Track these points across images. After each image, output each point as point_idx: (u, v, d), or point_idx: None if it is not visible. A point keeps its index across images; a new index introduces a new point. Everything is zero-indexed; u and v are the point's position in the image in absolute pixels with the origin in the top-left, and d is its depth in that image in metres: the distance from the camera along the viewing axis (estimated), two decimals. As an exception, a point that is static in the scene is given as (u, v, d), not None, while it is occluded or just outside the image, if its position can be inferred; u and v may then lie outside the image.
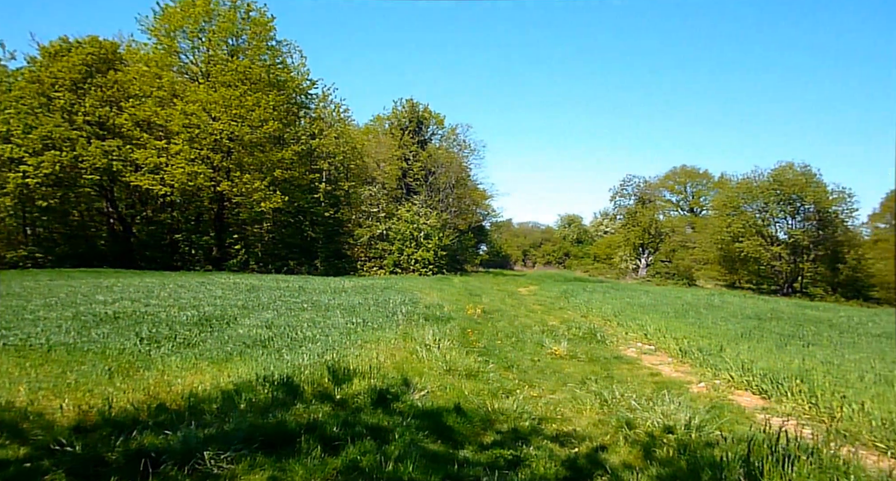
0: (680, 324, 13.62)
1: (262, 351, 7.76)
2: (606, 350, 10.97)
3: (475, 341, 10.31)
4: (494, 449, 4.81)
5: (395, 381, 6.44)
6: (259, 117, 30.72)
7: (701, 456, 4.65)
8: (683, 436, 5.40)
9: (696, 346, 10.74)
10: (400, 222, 37.86)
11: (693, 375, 9.13)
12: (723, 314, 16.83)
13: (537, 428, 5.62)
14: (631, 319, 14.65)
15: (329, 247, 37.60)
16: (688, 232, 58.49)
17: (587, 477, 4.45)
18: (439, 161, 41.72)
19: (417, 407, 5.66)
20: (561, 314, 17.03)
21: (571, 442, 5.30)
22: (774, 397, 7.60)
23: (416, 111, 43.02)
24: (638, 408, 6.35)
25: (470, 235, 47.49)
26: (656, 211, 56.34)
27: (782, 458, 4.03)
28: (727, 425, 5.96)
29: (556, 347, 10.14)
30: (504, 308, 17.30)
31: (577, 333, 12.45)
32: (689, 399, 7.17)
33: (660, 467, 4.60)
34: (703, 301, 22.46)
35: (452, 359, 7.87)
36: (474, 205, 50.33)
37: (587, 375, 8.30)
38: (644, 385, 7.97)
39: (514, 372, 8.20)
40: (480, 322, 13.18)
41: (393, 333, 9.73)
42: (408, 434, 4.78)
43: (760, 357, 9.42)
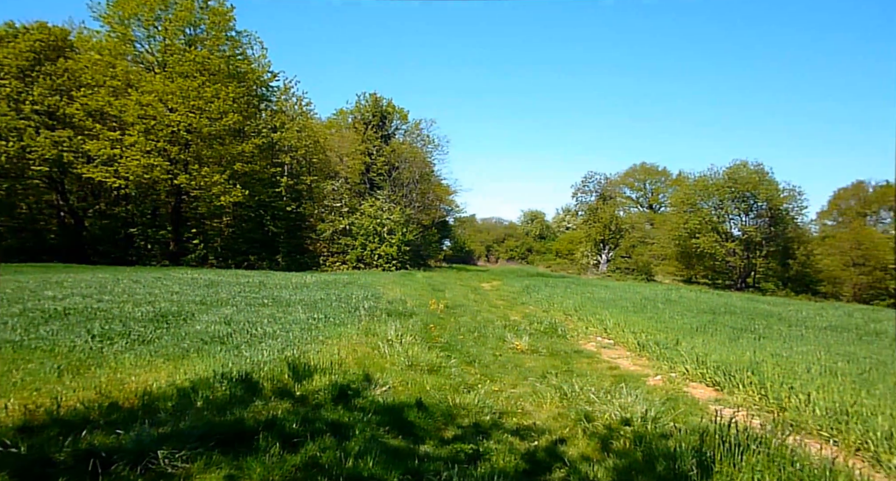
0: (638, 319, 13.89)
1: (221, 347, 7.60)
2: (567, 344, 11.13)
3: (438, 336, 10.33)
4: (455, 444, 4.83)
5: (357, 377, 6.40)
6: (218, 109, 30.03)
7: (656, 448, 4.76)
8: (640, 428, 5.52)
9: (654, 340, 10.99)
10: (363, 217, 37.58)
11: (650, 368, 9.35)
12: (679, 308, 17.24)
13: (498, 422, 5.67)
14: (591, 314, 14.88)
15: (291, 242, 37.09)
16: (647, 228, 59.70)
17: (546, 470, 4.51)
18: (403, 156, 41.53)
19: (379, 402, 5.64)
20: (523, 309, 17.19)
21: (531, 435, 5.36)
22: (727, 389, 7.85)
23: (380, 106, 42.68)
24: (596, 401, 6.47)
25: (433, 231, 47.50)
26: (617, 207, 57.35)
27: (733, 448, 4.16)
28: (682, 417, 6.12)
29: (518, 342, 10.24)
30: (467, 303, 17.36)
31: (538, 328, 12.59)
32: (645, 391, 7.33)
33: (616, 459, 4.70)
34: (661, 296, 22.97)
35: (414, 355, 7.86)
36: (438, 200, 50.33)
37: (548, 369, 8.41)
38: (603, 378, 8.11)
39: (476, 367, 8.25)
40: (443, 317, 13.20)
41: (355, 329, 9.66)
42: (368, 429, 4.76)
43: (714, 350, 9.68)
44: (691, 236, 45.66)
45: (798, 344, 11.09)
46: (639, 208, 68.54)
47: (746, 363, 8.50)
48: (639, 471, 4.32)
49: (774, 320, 15.77)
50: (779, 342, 11.26)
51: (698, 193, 46.54)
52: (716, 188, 45.07)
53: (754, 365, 8.33)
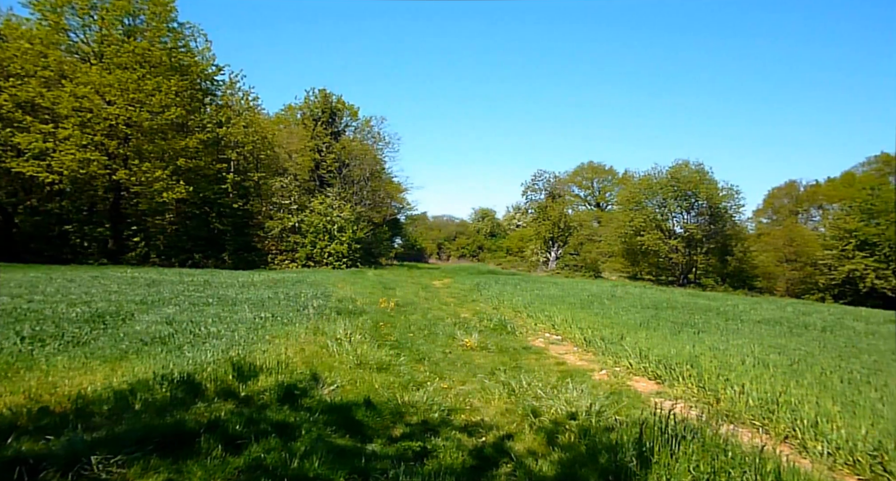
0: (585, 315, 14.19)
1: (162, 348, 7.35)
2: (516, 341, 11.27)
3: (388, 334, 10.30)
4: (403, 442, 4.83)
5: (304, 376, 6.31)
6: (160, 102, 28.94)
7: (600, 440, 4.89)
8: (585, 422, 5.66)
9: (600, 336, 11.26)
10: (313, 215, 37.02)
11: (596, 363, 9.57)
12: (624, 304, 17.73)
13: (447, 419, 5.70)
14: (540, 311, 15.11)
15: (238, 240, 36.16)
16: (594, 226, 61.06)
17: (493, 465, 4.56)
18: (353, 153, 41.12)
19: (326, 402, 5.58)
20: (473, 306, 17.31)
21: (479, 431, 5.41)
22: (668, 382, 8.12)
23: (330, 102, 42.10)
24: (544, 397, 6.58)
25: (385, 228, 47.22)
26: (565, 206, 58.31)
27: (670, 439, 4.32)
28: (625, 410, 6.30)
29: (468, 339, 10.30)
30: (417, 301, 17.36)
31: (488, 325, 12.70)
32: (591, 386, 7.51)
33: (561, 452, 4.79)
34: (607, 292, 23.56)
35: (364, 353, 7.81)
36: (389, 198, 50.09)
37: (497, 366, 8.49)
38: (550, 374, 8.25)
39: (425, 365, 8.26)
40: (394, 315, 13.17)
41: (303, 328, 9.51)
42: (315, 429, 4.70)
43: (656, 344, 10.00)
44: (636, 234, 46.93)
45: (734, 337, 11.57)
46: (587, 206, 70.05)
47: (686, 356, 8.81)
48: (582, 464, 4.42)
49: (713, 314, 16.41)
50: (716, 335, 11.72)
51: (643, 192, 47.86)
52: (659, 187, 46.45)
53: (693, 359, 8.65)
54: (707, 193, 44.85)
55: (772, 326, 14.42)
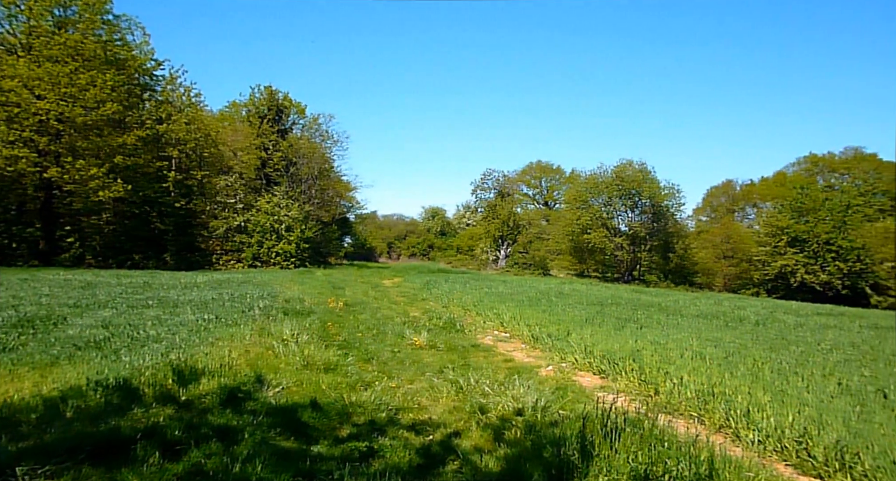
0: (533, 312, 14.41)
1: (97, 353, 7.05)
2: (465, 339, 11.32)
3: (336, 334, 10.20)
4: (350, 443, 4.79)
5: (248, 379, 6.17)
6: (94, 97, 27.68)
7: (545, 435, 4.97)
8: (531, 417, 5.75)
9: (547, 332, 11.45)
10: (259, 214, 36.23)
11: (543, 359, 9.73)
12: (571, 301, 18.09)
13: (394, 418, 5.69)
14: (489, 308, 15.24)
15: (180, 240, 35.00)
16: (543, 224, 61.98)
17: (440, 463, 4.58)
18: (301, 151, 40.42)
19: (271, 404, 5.48)
20: (423, 305, 17.31)
21: (427, 430, 5.42)
22: (611, 376, 8.34)
23: (276, 99, 41.20)
24: (491, 394, 6.65)
25: (334, 227, 46.67)
26: (514, 204, 59.07)
27: (610, 432, 4.44)
28: (569, 404, 6.44)
29: (417, 338, 10.30)
30: (367, 300, 17.25)
31: (437, 323, 12.72)
32: (537, 382, 7.64)
33: (508, 448, 4.86)
34: (555, 289, 24.00)
35: (311, 354, 7.71)
36: (338, 196, 49.48)
37: (445, 364, 8.52)
38: (498, 371, 8.33)
39: (374, 364, 8.21)
40: (342, 315, 13.04)
41: (248, 329, 9.31)
42: (259, 433, 4.61)
43: (601, 340, 10.25)
44: (583, 232, 47.93)
45: (674, 331, 11.98)
46: (535, 205, 71.05)
47: (629, 351, 9.07)
48: (527, 459, 4.49)
49: (655, 310, 16.94)
50: (658, 330, 12.11)
51: (589, 191, 48.90)
52: (605, 186, 47.57)
53: (636, 353, 8.92)
54: (650, 192, 46.22)
55: (709, 320, 15.00)
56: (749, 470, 4.34)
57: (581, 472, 4.14)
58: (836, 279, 42.52)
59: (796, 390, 6.90)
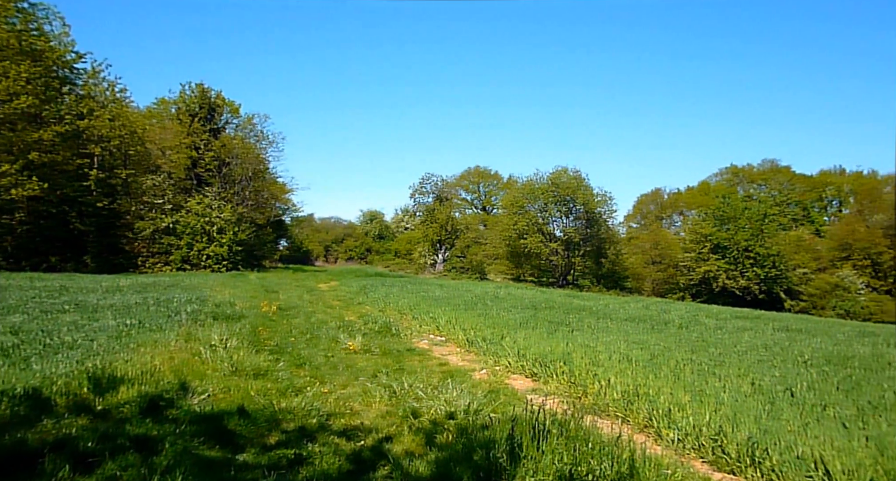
0: (469, 316, 14.52)
1: (4, 361, 6.61)
2: (400, 343, 11.31)
3: (267, 339, 9.97)
4: (278, 450, 4.70)
5: (172, 386, 5.94)
6: (6, 90, 25.99)
7: (476, 438, 5.03)
8: (463, 421, 5.81)
9: (482, 336, 11.57)
10: (190, 215, 34.93)
11: (477, 363, 9.83)
12: (506, 305, 18.36)
13: (325, 424, 5.62)
14: (425, 312, 15.26)
15: (102, 242, 33.22)
16: (481, 229, 62.76)
17: (370, 468, 4.56)
18: (234, 151, 39.23)
19: (196, 412, 5.30)
20: (359, 309, 17.17)
21: (358, 435, 5.38)
22: (542, 378, 8.53)
23: (208, 97, 39.73)
24: (424, 398, 6.67)
25: (269, 230, 45.56)
26: (453, 209, 59.50)
27: (538, 434, 4.55)
28: (501, 407, 6.54)
29: (351, 342, 10.21)
30: (301, 304, 16.95)
31: (373, 328, 12.65)
32: (471, 385, 7.72)
33: (439, 452, 4.89)
34: (491, 293, 24.28)
35: (240, 359, 7.51)
36: (273, 198, 48.33)
37: (380, 368, 8.48)
38: (432, 375, 8.37)
39: (306, 370, 8.08)
40: (275, 319, 12.76)
41: (174, 334, 8.96)
42: (181, 442, 4.45)
43: (534, 343, 10.43)
44: (520, 237, 48.78)
45: (604, 334, 12.36)
46: (473, 210, 71.86)
47: (560, 354, 9.28)
48: (458, 462, 4.54)
49: (586, 314, 17.43)
50: (588, 333, 12.46)
51: (525, 197, 49.85)
52: (541, 192, 48.63)
53: (566, 356, 9.14)
54: (584, 199, 47.58)
55: (637, 324, 15.55)
56: (667, 468, 4.55)
57: (509, 474, 4.22)
58: (754, 284, 45.03)
59: (714, 390, 7.26)
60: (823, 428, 5.64)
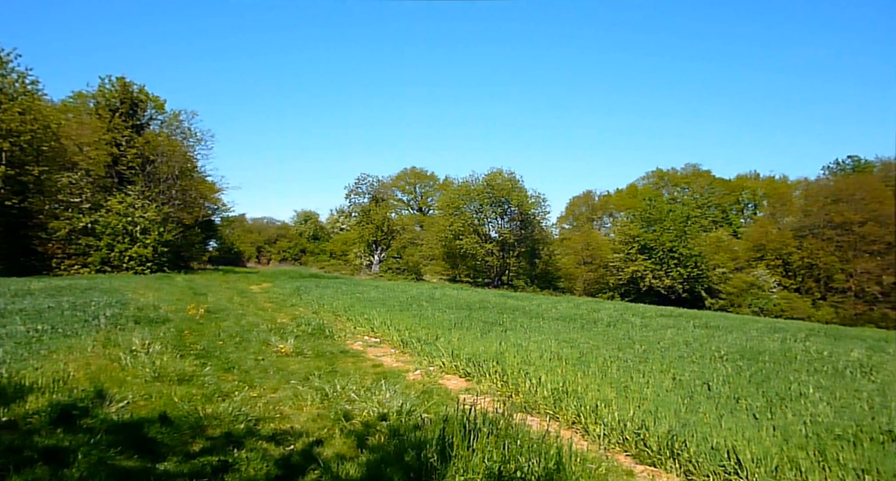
0: (403, 317, 14.51)
1: None
2: (334, 345, 11.17)
3: (194, 343, 9.61)
4: (202, 457, 4.54)
5: (87, 394, 5.64)
6: None
7: (407, 439, 5.04)
8: (395, 422, 5.81)
9: (416, 337, 11.60)
10: (110, 215, 33.14)
11: (411, 364, 9.84)
12: (441, 306, 18.46)
13: (253, 429, 5.48)
14: (360, 314, 15.14)
15: (12, 243, 30.98)
16: (417, 230, 62.79)
17: (300, 473, 4.48)
18: (159, 149, 37.45)
19: (113, 420, 5.05)
20: (292, 311, 16.84)
21: (288, 439, 5.28)
22: (476, 378, 8.63)
23: (130, 92, 37.59)
24: (357, 400, 6.63)
25: (197, 230, 43.82)
26: (389, 209, 59.22)
27: (468, 433, 4.60)
28: (434, 407, 6.57)
29: (283, 345, 10.01)
30: (231, 306, 16.44)
31: (306, 330, 12.44)
32: (404, 386, 7.73)
33: (370, 454, 4.86)
34: (426, 294, 24.35)
35: (164, 364, 7.21)
36: (202, 198, 46.50)
37: (312, 371, 8.35)
38: (366, 376, 8.31)
39: (234, 374, 7.84)
40: (203, 322, 12.32)
41: (91, 340, 8.51)
42: (96, 452, 4.23)
43: (468, 343, 10.55)
44: (456, 238, 49.17)
45: (536, 334, 12.62)
46: (409, 210, 71.79)
47: (493, 354, 9.43)
48: (389, 464, 4.53)
49: (519, 314, 17.76)
50: (521, 333, 12.69)
51: (461, 198, 50.31)
52: (476, 193, 49.22)
53: (499, 355, 9.29)
54: (518, 200, 48.49)
55: (568, 323, 15.98)
56: (592, 462, 4.71)
57: (440, 474, 4.25)
58: (678, 283, 47.17)
59: (638, 386, 7.56)
60: (736, 419, 5.98)
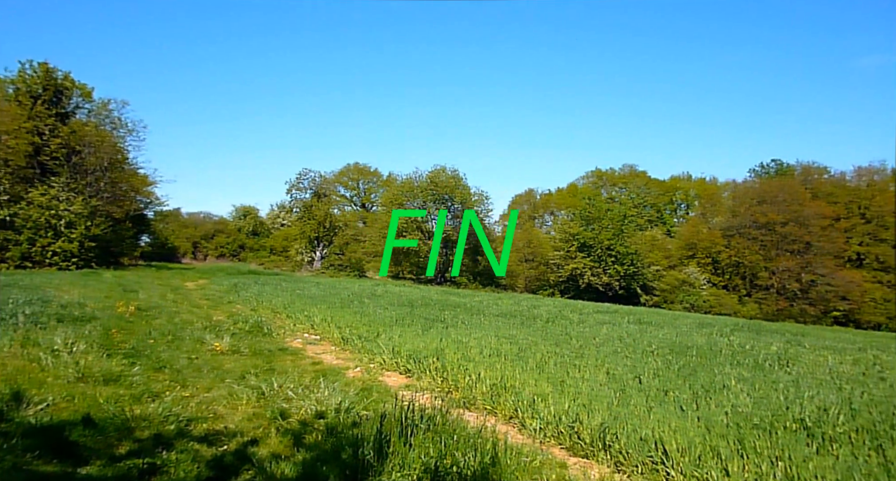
0: (345, 314, 14.39)
1: None
2: (272, 342, 10.99)
3: (122, 342, 9.21)
4: (128, 460, 4.37)
5: (3, 396, 5.32)
6: None
7: (345, 437, 5.01)
8: (333, 420, 5.76)
9: (357, 334, 11.55)
10: (32, 207, 31.26)
11: (352, 361, 9.80)
12: (383, 302, 18.38)
13: (185, 430, 5.31)
14: (300, 311, 14.93)
15: (-82, 236, 28.90)
16: (360, 226, 62.17)
17: (232, 473, 4.38)
18: (87, 139, 35.49)
19: (31, 424, 4.79)
20: (229, 308, 16.43)
21: (221, 440, 5.15)
22: (416, 375, 8.68)
23: (54, 78, 35.40)
24: (294, 398, 6.54)
25: (128, 225, 41.87)
26: (331, 205, 58.40)
27: (405, 429, 4.62)
28: (373, 404, 6.56)
29: (219, 343, 9.75)
30: (164, 304, 15.85)
31: (243, 327, 12.18)
32: (344, 383, 7.69)
33: (307, 452, 4.81)
34: (368, 291, 24.20)
35: (88, 364, 6.88)
36: (133, 191, 44.35)
37: (248, 369, 8.18)
38: (305, 374, 8.21)
39: (165, 373, 7.57)
40: (133, 320, 11.83)
41: (7, 339, 8.02)
42: (11, 457, 4.00)
43: (409, 340, 10.58)
44: (399, 234, 48.98)
45: (476, 330, 12.77)
46: (353, 207, 70.99)
47: (433, 350, 9.49)
48: (325, 462, 4.49)
49: (461, 310, 17.90)
50: (462, 329, 12.80)
51: (405, 194, 50.18)
52: (420, 190, 49.22)
53: (440, 352, 9.36)
54: (462, 197, 48.80)
55: (508, 319, 16.23)
56: (527, 456, 4.81)
57: (376, 470, 4.25)
58: (615, 280, 48.61)
59: (574, 380, 7.77)
60: (664, 411, 6.24)
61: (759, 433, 5.43)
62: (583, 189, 67.95)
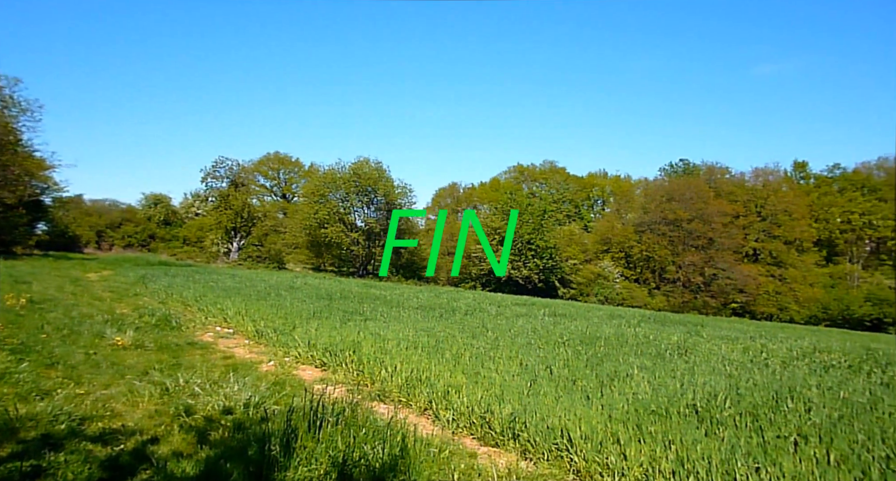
0: (260, 307, 14.00)
1: None
2: (181, 336, 10.56)
3: (9, 337, 8.54)
4: (10, 463, 4.06)
5: None
6: None
7: (253, 433, 4.89)
8: (241, 416, 5.60)
9: (272, 327, 11.27)
10: None
11: (265, 355, 9.56)
12: (301, 295, 18.01)
13: (77, 429, 5.00)
14: (212, 304, 14.39)
15: None
16: (280, 217, 60.53)
17: (128, 474, 4.17)
18: (-29, 119, 32.64)
19: None
20: (135, 301, 15.59)
21: (118, 439, 4.89)
22: (331, 368, 8.59)
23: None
24: (201, 394, 6.32)
25: (21, 211, 38.67)
26: (250, 195, 56.57)
27: (314, 423, 4.56)
28: (285, 399, 6.42)
29: (120, 337, 9.24)
30: (61, 296, 14.82)
31: (149, 321, 11.63)
32: (256, 378, 7.49)
33: (211, 450, 4.65)
34: (286, 283, 23.65)
35: (-32, 362, 6.35)
36: (27, 175, 40.97)
37: (152, 365, 7.81)
38: (214, 369, 7.94)
39: (58, 370, 7.09)
40: (23, 314, 10.99)
41: None
42: None
43: (325, 333, 10.42)
44: (321, 226, 48.09)
45: (395, 323, 12.75)
46: (273, 197, 68.95)
47: (350, 343, 9.40)
48: (230, 459, 4.36)
49: (380, 303, 17.83)
50: (380, 322, 12.76)
51: (327, 186, 49.28)
52: (343, 181, 48.49)
53: (356, 345, 9.29)
54: (385, 190, 48.51)
55: (427, 312, 16.30)
56: (437, 447, 4.86)
57: (283, 466, 4.17)
58: (535, 274, 49.95)
59: (488, 371, 7.92)
60: (571, 399, 6.48)
61: (656, 418, 5.75)
62: (505, 183, 69.09)
